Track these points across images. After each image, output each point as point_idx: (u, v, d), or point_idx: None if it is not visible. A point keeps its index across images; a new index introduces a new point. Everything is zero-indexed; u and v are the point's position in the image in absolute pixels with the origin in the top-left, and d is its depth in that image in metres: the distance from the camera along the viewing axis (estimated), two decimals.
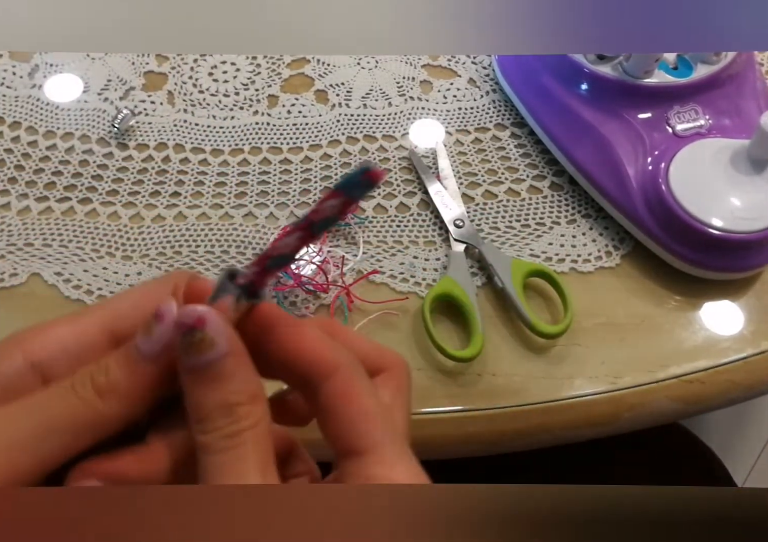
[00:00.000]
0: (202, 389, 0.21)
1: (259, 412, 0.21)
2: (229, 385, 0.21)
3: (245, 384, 0.21)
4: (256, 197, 0.47)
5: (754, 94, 0.46)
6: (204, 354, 0.21)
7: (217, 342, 0.21)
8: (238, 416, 0.21)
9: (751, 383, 0.41)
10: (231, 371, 0.21)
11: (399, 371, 0.25)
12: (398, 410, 0.24)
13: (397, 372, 0.25)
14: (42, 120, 0.50)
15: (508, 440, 0.39)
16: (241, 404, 0.21)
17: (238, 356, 0.21)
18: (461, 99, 0.51)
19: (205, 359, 0.21)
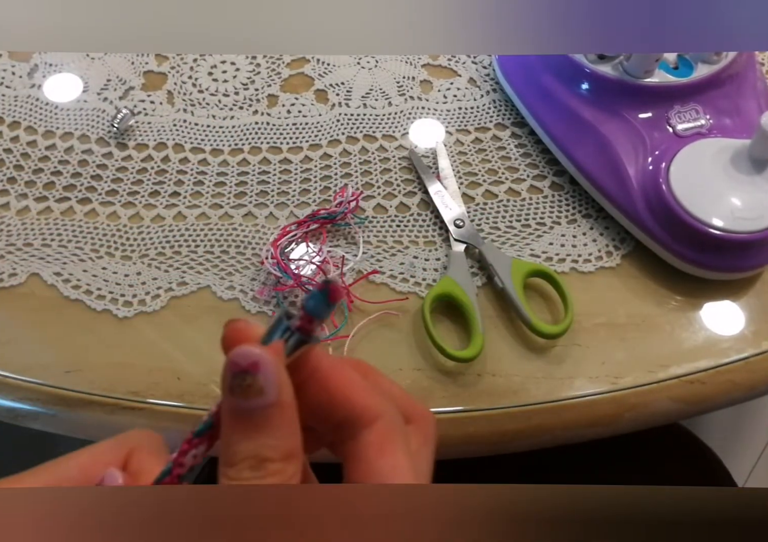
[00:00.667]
0: (238, 435, 0.20)
1: (290, 472, 0.20)
2: (266, 438, 0.20)
3: (283, 440, 0.20)
4: (255, 196, 0.47)
5: (755, 93, 0.46)
6: (249, 400, 0.20)
7: (266, 391, 0.20)
8: (265, 472, 0.20)
9: (752, 384, 0.41)
10: (272, 424, 0.20)
11: (427, 424, 0.25)
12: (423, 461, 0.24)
13: (425, 425, 0.25)
14: (41, 120, 0.50)
15: (508, 440, 0.39)
16: (273, 460, 0.20)
17: (284, 409, 0.20)
18: (461, 99, 0.51)
19: (248, 405, 0.20)
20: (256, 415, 0.20)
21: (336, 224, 0.45)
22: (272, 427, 0.20)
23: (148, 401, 0.39)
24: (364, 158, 0.48)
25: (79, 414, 0.39)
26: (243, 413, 0.20)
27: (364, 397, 0.22)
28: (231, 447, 0.20)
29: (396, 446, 0.22)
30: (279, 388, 0.20)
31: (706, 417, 0.97)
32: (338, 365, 0.23)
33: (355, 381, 0.22)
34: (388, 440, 0.22)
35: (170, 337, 0.42)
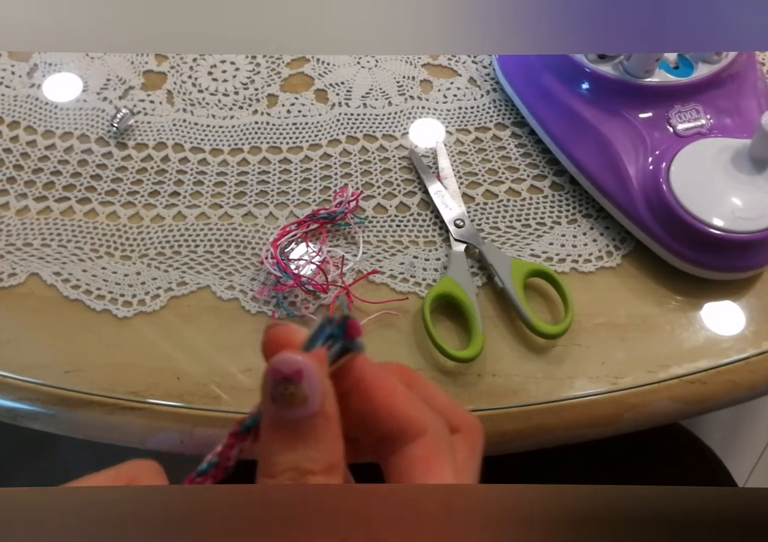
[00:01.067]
0: (279, 445, 0.19)
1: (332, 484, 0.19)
2: (308, 450, 0.19)
3: (326, 453, 0.19)
4: (255, 196, 0.47)
5: (755, 93, 0.46)
6: (292, 409, 0.19)
7: (309, 400, 0.19)
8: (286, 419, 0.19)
9: (753, 384, 0.40)
10: (315, 435, 0.19)
11: (474, 435, 0.24)
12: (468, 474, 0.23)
13: (471, 435, 0.24)
14: (41, 120, 0.50)
15: (508, 440, 0.39)
16: (315, 473, 0.19)
17: (327, 420, 0.19)
18: (461, 98, 0.51)
19: (291, 415, 0.19)
20: (298, 425, 0.19)
21: (336, 223, 0.45)
22: (315, 438, 0.19)
23: (147, 401, 0.39)
24: (364, 157, 0.48)
25: (79, 414, 0.39)
26: (285, 423, 0.19)
27: (410, 410, 0.21)
28: (271, 457, 0.19)
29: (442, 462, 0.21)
30: (323, 398, 0.19)
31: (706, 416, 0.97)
32: (383, 375, 0.22)
33: (401, 393, 0.21)
34: (434, 455, 0.21)
35: (170, 337, 0.42)
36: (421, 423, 0.21)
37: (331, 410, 0.20)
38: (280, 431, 0.19)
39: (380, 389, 0.21)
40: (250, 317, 0.42)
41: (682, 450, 0.60)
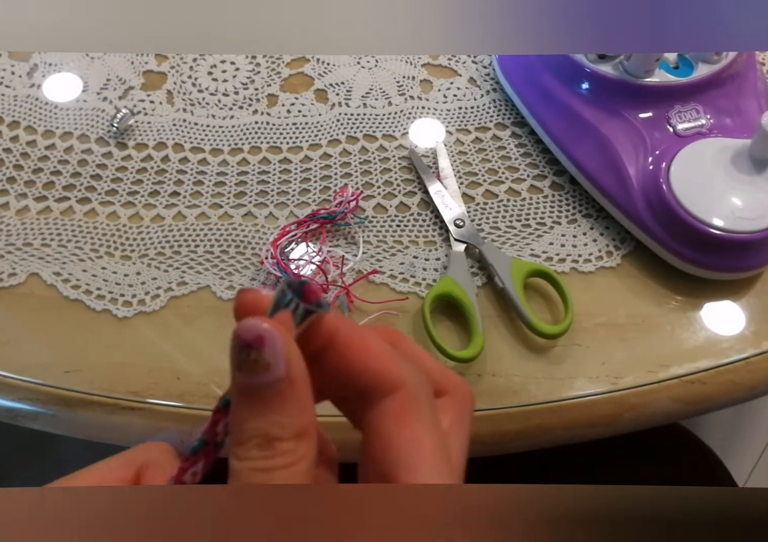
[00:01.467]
0: (246, 412, 0.19)
1: (301, 451, 0.19)
2: (274, 415, 0.19)
3: (293, 418, 0.19)
4: (255, 196, 0.47)
5: (755, 93, 0.46)
6: (256, 376, 0.19)
7: (272, 366, 0.19)
8: (274, 451, 0.19)
9: (753, 384, 0.40)
10: (281, 400, 0.19)
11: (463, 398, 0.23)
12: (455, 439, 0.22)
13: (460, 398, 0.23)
14: (41, 119, 0.50)
15: (508, 440, 0.39)
16: (282, 439, 0.19)
17: (293, 385, 0.19)
18: (461, 98, 0.51)
19: (255, 381, 0.19)
20: (263, 392, 0.19)
21: (336, 223, 0.45)
22: (281, 404, 0.19)
23: (147, 401, 0.39)
24: (364, 157, 0.48)
25: (79, 414, 0.39)
26: (250, 389, 0.19)
27: (384, 363, 0.20)
28: (239, 425, 0.19)
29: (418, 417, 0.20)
30: (287, 362, 0.19)
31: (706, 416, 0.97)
32: (358, 331, 0.21)
33: (376, 347, 0.21)
34: (410, 410, 0.20)
35: (170, 337, 0.42)
36: (395, 377, 0.20)
37: (297, 374, 0.19)
38: (247, 398, 0.19)
39: (354, 344, 0.21)
40: None
41: (682, 450, 0.60)
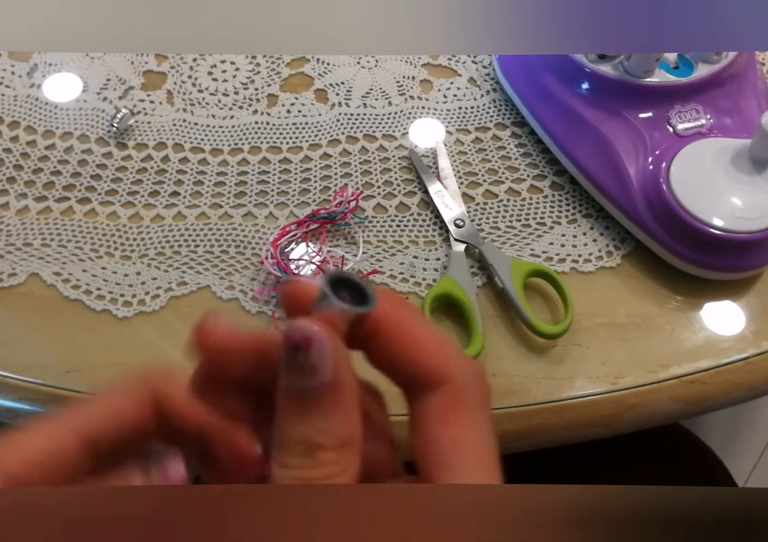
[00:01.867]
0: (291, 415, 0.18)
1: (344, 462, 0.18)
2: (318, 421, 0.18)
3: (337, 426, 0.18)
4: (255, 196, 0.47)
5: (755, 93, 0.46)
6: (303, 378, 0.18)
7: (319, 370, 0.18)
8: (317, 461, 0.18)
9: (753, 384, 0.40)
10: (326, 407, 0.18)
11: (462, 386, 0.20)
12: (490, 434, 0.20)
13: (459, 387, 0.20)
14: (41, 120, 0.50)
15: (508, 440, 0.39)
16: (325, 448, 0.18)
17: (340, 391, 0.18)
18: (461, 98, 0.51)
19: (302, 384, 0.18)
20: (308, 395, 0.18)
21: (336, 223, 0.45)
22: (326, 411, 0.18)
23: None
24: (364, 157, 0.48)
25: None
26: (296, 392, 0.18)
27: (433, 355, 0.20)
28: (283, 428, 0.18)
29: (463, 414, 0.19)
30: (335, 367, 0.18)
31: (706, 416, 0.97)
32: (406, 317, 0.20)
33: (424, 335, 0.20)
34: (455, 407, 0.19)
35: (170, 337, 0.42)
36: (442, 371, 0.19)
37: (345, 380, 0.18)
38: (292, 400, 0.18)
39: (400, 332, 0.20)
40: (250, 317, 0.42)
41: (682, 450, 0.60)
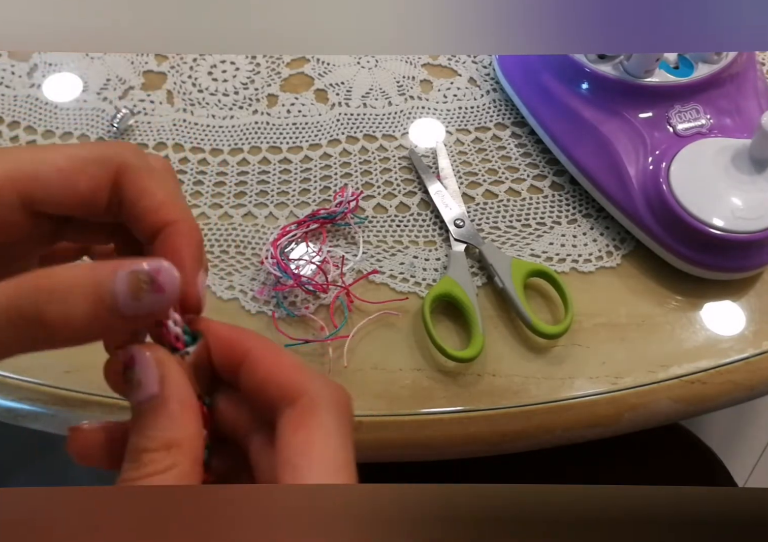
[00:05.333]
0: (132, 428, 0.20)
1: (167, 462, 0.20)
2: (147, 429, 0.20)
3: (163, 431, 0.20)
4: (255, 196, 0.47)
5: (755, 93, 0.46)
6: (133, 392, 0.20)
7: (144, 383, 0.20)
8: (140, 463, 0.20)
9: (753, 384, 0.40)
10: (154, 415, 0.20)
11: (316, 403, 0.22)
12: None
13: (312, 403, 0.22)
14: (41, 120, 0.50)
15: (509, 440, 0.39)
16: (149, 450, 0.20)
17: (166, 401, 0.20)
18: (461, 98, 0.51)
19: (134, 398, 0.20)
20: (141, 407, 0.20)
21: (336, 223, 0.45)
22: (155, 418, 0.20)
23: None
24: (364, 157, 0.48)
25: (79, 414, 0.39)
26: (134, 407, 0.20)
27: (290, 375, 0.22)
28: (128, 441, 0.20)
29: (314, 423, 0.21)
30: (161, 380, 0.20)
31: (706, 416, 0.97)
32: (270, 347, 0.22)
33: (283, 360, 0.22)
34: (307, 417, 0.21)
35: None
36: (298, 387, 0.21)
37: (172, 391, 0.20)
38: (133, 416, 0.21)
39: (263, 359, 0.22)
40: (250, 317, 0.42)
41: (682, 450, 0.60)
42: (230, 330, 0.23)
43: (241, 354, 0.22)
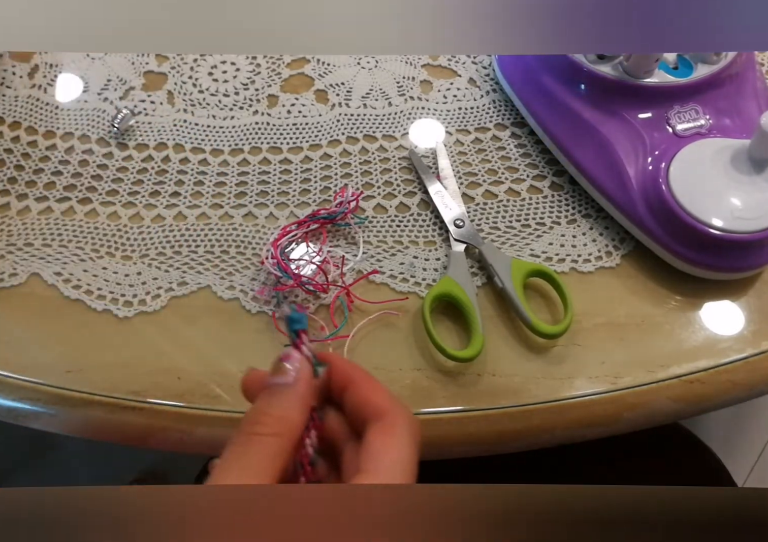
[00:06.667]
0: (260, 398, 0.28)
1: (276, 429, 0.26)
2: (271, 401, 0.27)
3: (281, 409, 0.27)
4: (255, 196, 0.47)
5: (755, 93, 0.46)
6: (276, 377, 0.28)
7: (285, 373, 0.28)
8: (256, 422, 0.27)
9: (752, 383, 0.41)
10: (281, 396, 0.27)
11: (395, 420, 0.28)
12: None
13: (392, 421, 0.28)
14: (42, 120, 0.50)
15: (508, 440, 0.39)
16: (267, 415, 0.27)
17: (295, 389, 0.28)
18: (461, 99, 0.51)
19: (274, 380, 0.28)
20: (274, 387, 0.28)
21: (336, 224, 0.45)
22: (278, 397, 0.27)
23: (148, 401, 0.39)
24: (364, 158, 0.49)
25: (80, 414, 0.39)
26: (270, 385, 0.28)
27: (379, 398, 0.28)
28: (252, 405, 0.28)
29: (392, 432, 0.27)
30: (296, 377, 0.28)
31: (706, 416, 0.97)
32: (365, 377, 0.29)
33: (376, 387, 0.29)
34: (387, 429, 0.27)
35: (171, 337, 0.42)
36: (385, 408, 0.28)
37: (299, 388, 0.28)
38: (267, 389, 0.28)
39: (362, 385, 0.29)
40: (251, 317, 0.42)
41: (682, 450, 0.60)
42: (343, 362, 0.30)
43: (347, 381, 0.29)
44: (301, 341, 0.29)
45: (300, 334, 0.29)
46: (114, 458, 0.97)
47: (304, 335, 0.29)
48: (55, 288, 0.43)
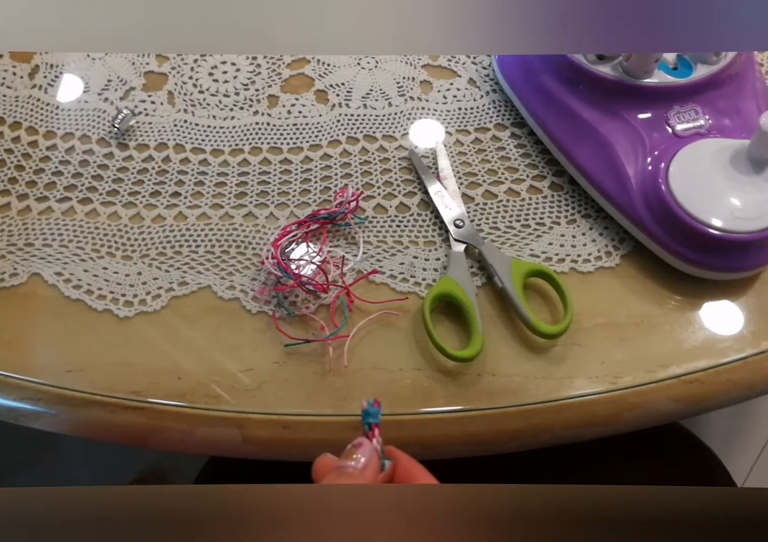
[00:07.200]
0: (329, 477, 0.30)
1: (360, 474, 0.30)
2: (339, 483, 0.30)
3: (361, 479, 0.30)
4: (256, 197, 0.47)
5: (754, 94, 0.46)
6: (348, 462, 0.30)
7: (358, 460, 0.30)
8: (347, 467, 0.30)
9: (751, 383, 0.41)
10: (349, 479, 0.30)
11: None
12: None
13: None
14: (42, 120, 0.50)
15: (508, 440, 0.39)
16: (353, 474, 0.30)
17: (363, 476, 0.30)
18: (461, 99, 0.51)
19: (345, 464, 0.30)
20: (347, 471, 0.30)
21: (336, 224, 0.45)
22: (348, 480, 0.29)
23: (148, 400, 0.39)
24: (364, 158, 0.49)
25: (81, 414, 0.39)
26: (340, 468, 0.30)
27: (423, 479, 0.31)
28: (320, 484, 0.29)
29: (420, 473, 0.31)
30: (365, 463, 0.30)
31: (706, 416, 0.97)
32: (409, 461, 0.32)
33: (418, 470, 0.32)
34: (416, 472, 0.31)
35: (171, 337, 0.42)
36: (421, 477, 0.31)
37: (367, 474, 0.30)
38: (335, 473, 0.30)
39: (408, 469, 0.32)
40: (251, 317, 0.42)
41: (682, 450, 0.60)
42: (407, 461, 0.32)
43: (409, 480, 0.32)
44: (373, 434, 0.32)
45: (373, 427, 0.32)
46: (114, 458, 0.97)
47: (377, 429, 0.32)
48: (56, 288, 0.43)
